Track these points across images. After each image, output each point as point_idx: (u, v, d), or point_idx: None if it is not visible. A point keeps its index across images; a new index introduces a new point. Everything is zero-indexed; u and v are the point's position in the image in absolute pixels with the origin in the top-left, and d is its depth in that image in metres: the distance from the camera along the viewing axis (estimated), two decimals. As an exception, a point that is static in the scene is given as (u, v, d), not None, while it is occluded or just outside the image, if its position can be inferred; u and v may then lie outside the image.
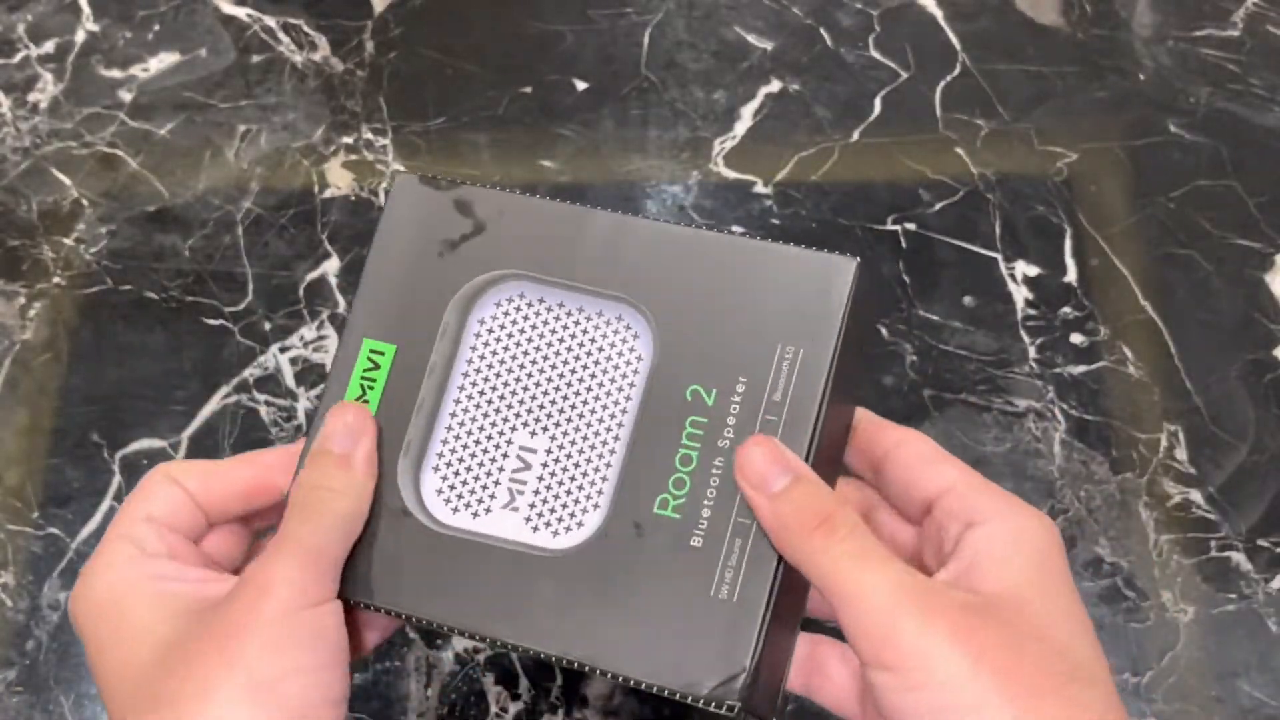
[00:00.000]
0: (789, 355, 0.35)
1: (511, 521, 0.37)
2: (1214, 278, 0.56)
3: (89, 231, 0.58)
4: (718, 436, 0.35)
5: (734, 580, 0.34)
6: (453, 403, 0.38)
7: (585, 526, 0.36)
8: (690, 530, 0.35)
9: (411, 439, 0.37)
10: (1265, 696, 0.49)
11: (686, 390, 0.35)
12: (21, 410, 0.55)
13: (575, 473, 0.37)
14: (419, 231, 0.39)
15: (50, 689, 0.50)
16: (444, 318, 0.38)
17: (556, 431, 0.37)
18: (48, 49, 0.63)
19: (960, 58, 0.61)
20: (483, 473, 0.38)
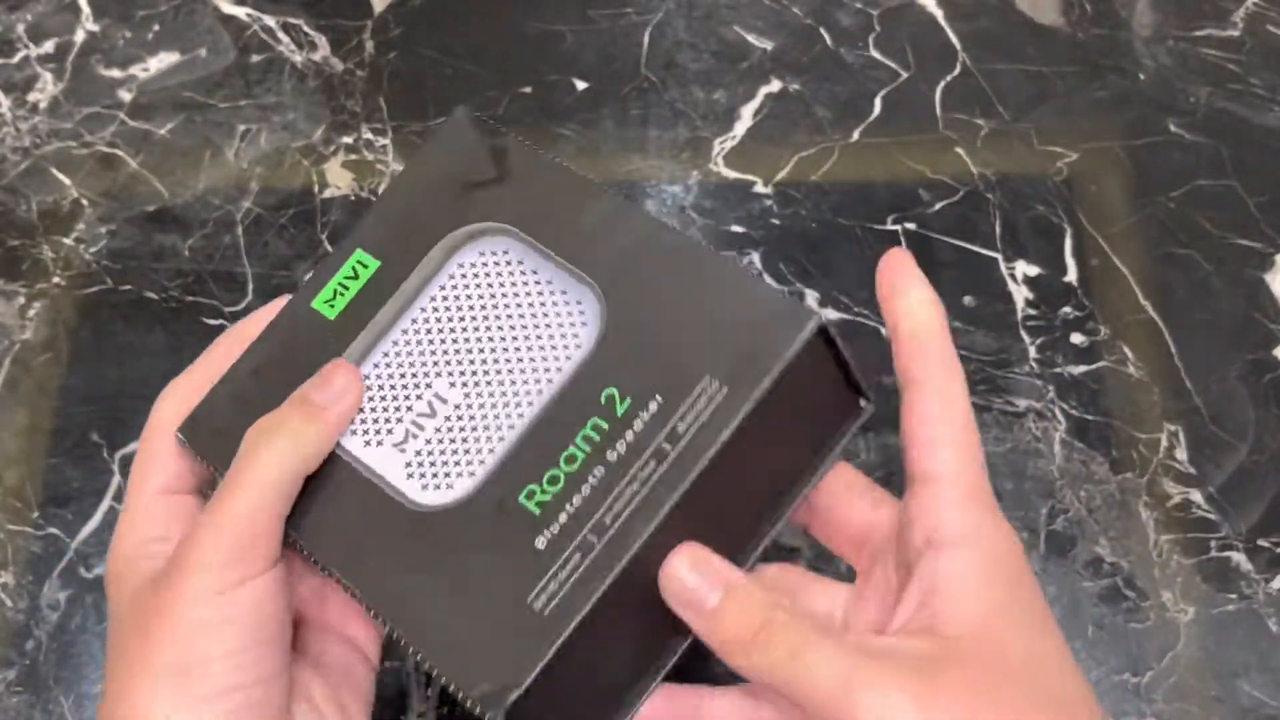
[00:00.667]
0: (710, 389, 0.33)
1: (394, 462, 0.37)
2: (1214, 278, 0.56)
3: (89, 231, 0.58)
4: (609, 447, 0.34)
5: (554, 594, 0.33)
6: (400, 331, 0.38)
7: (454, 490, 0.36)
8: (540, 529, 0.34)
9: (352, 352, 0.38)
10: (1265, 696, 0.49)
11: (604, 391, 0.35)
12: (21, 410, 0.55)
13: (470, 435, 0.37)
14: (448, 166, 0.39)
15: (50, 689, 0.50)
16: (431, 252, 0.38)
17: (473, 390, 0.37)
18: (47, 49, 0.63)
19: (960, 57, 0.61)
20: (393, 405, 0.38)
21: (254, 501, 0.34)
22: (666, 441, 0.33)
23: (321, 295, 0.39)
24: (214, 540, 0.33)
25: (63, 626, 0.51)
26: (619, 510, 0.33)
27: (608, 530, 0.33)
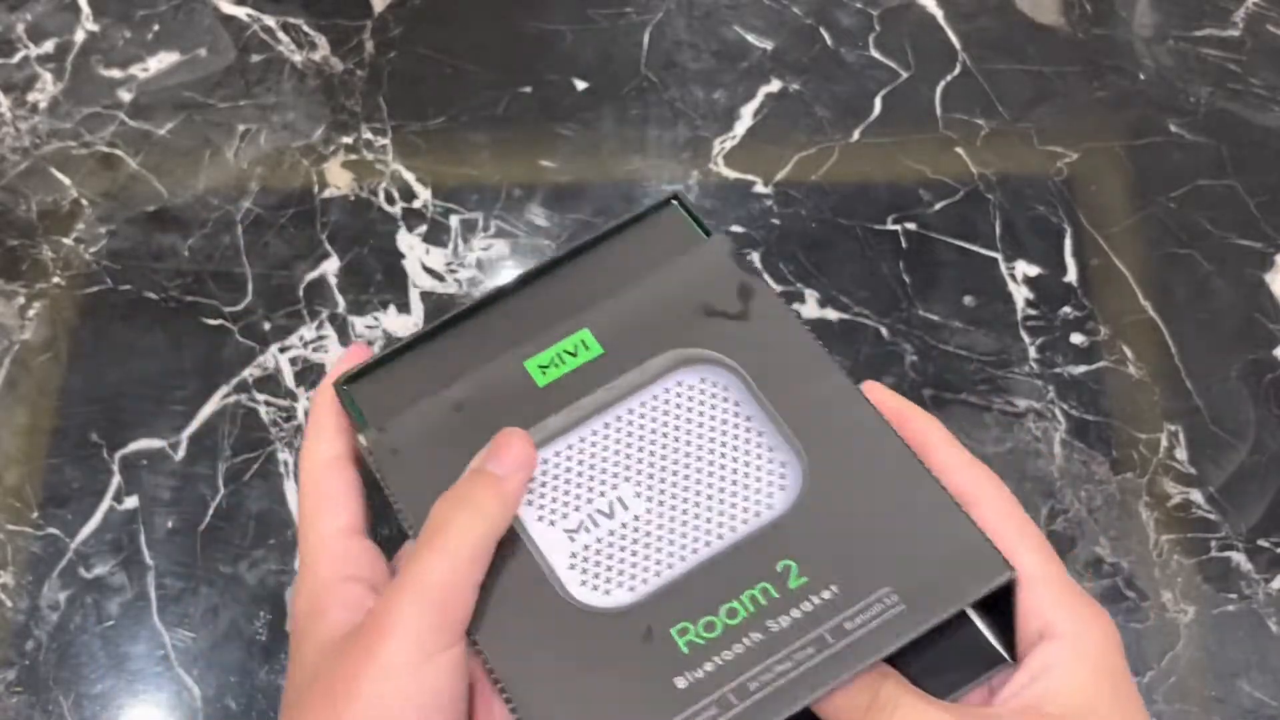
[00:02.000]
0: (888, 601, 0.34)
1: (561, 547, 0.37)
2: (1214, 278, 0.56)
3: (89, 231, 0.58)
4: (774, 616, 0.34)
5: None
6: (601, 423, 0.39)
7: (610, 597, 0.36)
8: (683, 669, 0.34)
9: (549, 426, 0.38)
10: (1266, 697, 0.49)
11: (783, 560, 0.35)
12: (21, 410, 0.55)
13: (641, 550, 0.37)
14: (696, 283, 0.40)
15: (50, 689, 0.50)
16: (654, 359, 0.39)
17: (656, 507, 0.37)
18: (47, 49, 0.63)
19: (960, 57, 0.62)
20: (574, 492, 0.38)
21: (451, 571, 0.34)
22: (831, 634, 0.34)
23: (538, 359, 0.40)
24: (415, 608, 0.33)
25: (62, 626, 0.51)
26: (766, 681, 0.33)
27: (750, 696, 0.33)
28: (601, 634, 0.35)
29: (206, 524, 0.52)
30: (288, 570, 0.51)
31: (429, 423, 0.39)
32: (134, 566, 0.52)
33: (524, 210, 0.58)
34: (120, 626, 0.51)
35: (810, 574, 0.35)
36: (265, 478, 0.53)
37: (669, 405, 0.39)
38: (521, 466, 0.36)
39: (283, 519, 0.52)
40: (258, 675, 0.50)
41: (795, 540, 0.35)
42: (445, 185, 0.59)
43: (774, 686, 0.33)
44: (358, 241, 0.58)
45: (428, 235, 0.58)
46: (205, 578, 0.51)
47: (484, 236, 0.58)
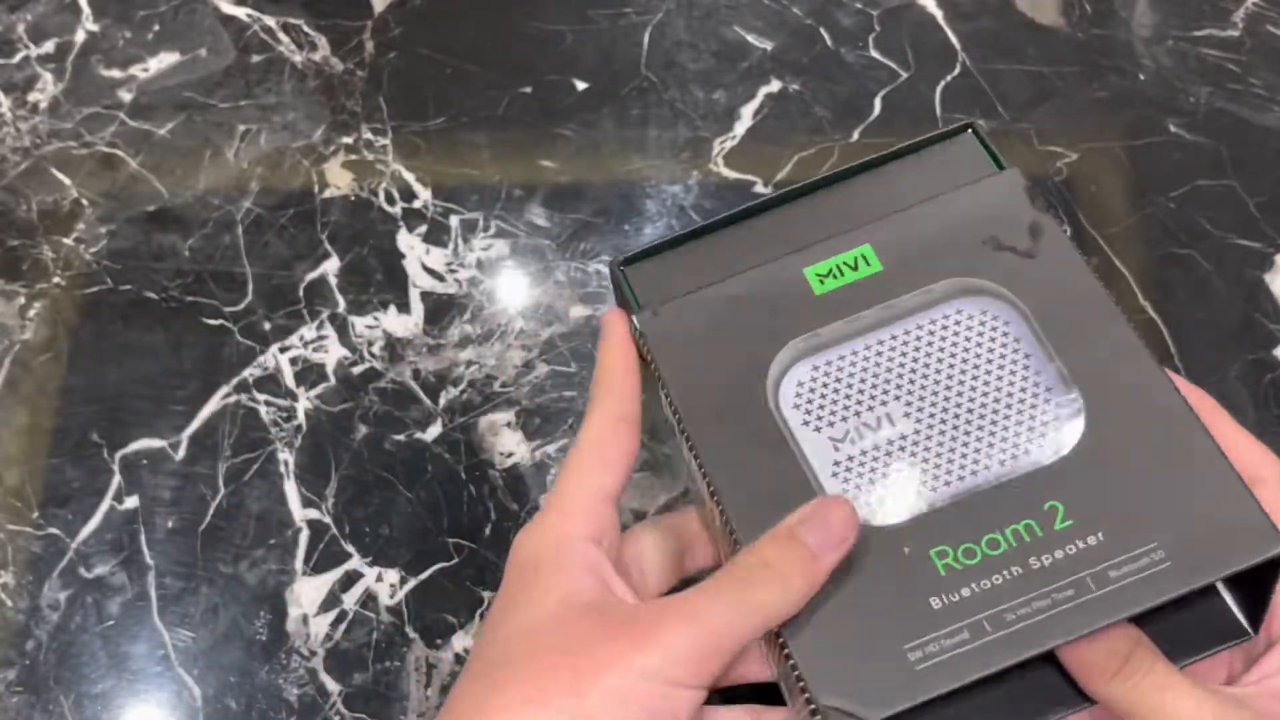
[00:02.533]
0: (1154, 556, 0.34)
1: (824, 453, 0.37)
2: (1214, 278, 0.56)
3: (89, 231, 0.58)
4: (1035, 554, 0.34)
5: (932, 656, 0.34)
6: (876, 339, 0.39)
7: (865, 510, 0.36)
8: (939, 591, 0.34)
9: (825, 335, 0.39)
10: None
11: (1050, 501, 0.35)
12: (21, 410, 0.55)
13: (906, 469, 0.37)
14: (985, 215, 0.40)
15: (50, 689, 0.50)
16: (937, 285, 0.39)
17: (925, 429, 0.37)
18: (48, 49, 0.63)
19: (960, 58, 0.62)
20: (844, 402, 0.38)
21: (730, 628, 0.33)
22: (1094, 580, 0.34)
23: (816, 268, 0.40)
24: (688, 638, 0.33)
25: (63, 626, 0.51)
26: (1023, 615, 0.34)
27: (1005, 627, 0.34)
28: (860, 547, 0.35)
29: (207, 524, 0.52)
30: (287, 570, 0.51)
31: (702, 312, 0.40)
32: (134, 566, 0.52)
33: (524, 210, 0.58)
34: (121, 626, 0.51)
35: (1077, 518, 0.35)
36: (265, 477, 0.53)
37: (946, 332, 0.39)
38: (840, 544, 0.34)
39: (282, 519, 0.52)
40: (258, 675, 0.50)
41: (1065, 483, 0.35)
42: (445, 185, 0.59)
43: (1030, 621, 0.34)
44: (358, 241, 0.58)
45: (428, 235, 0.58)
46: (205, 577, 0.51)
47: (484, 236, 0.58)
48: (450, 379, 0.55)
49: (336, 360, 0.55)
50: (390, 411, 0.54)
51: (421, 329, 0.56)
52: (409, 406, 0.54)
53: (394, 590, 0.51)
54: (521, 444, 0.53)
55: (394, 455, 0.53)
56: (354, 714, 0.49)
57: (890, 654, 0.34)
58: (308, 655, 0.50)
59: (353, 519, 0.52)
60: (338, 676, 0.50)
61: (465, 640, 0.50)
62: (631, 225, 0.58)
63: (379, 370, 0.55)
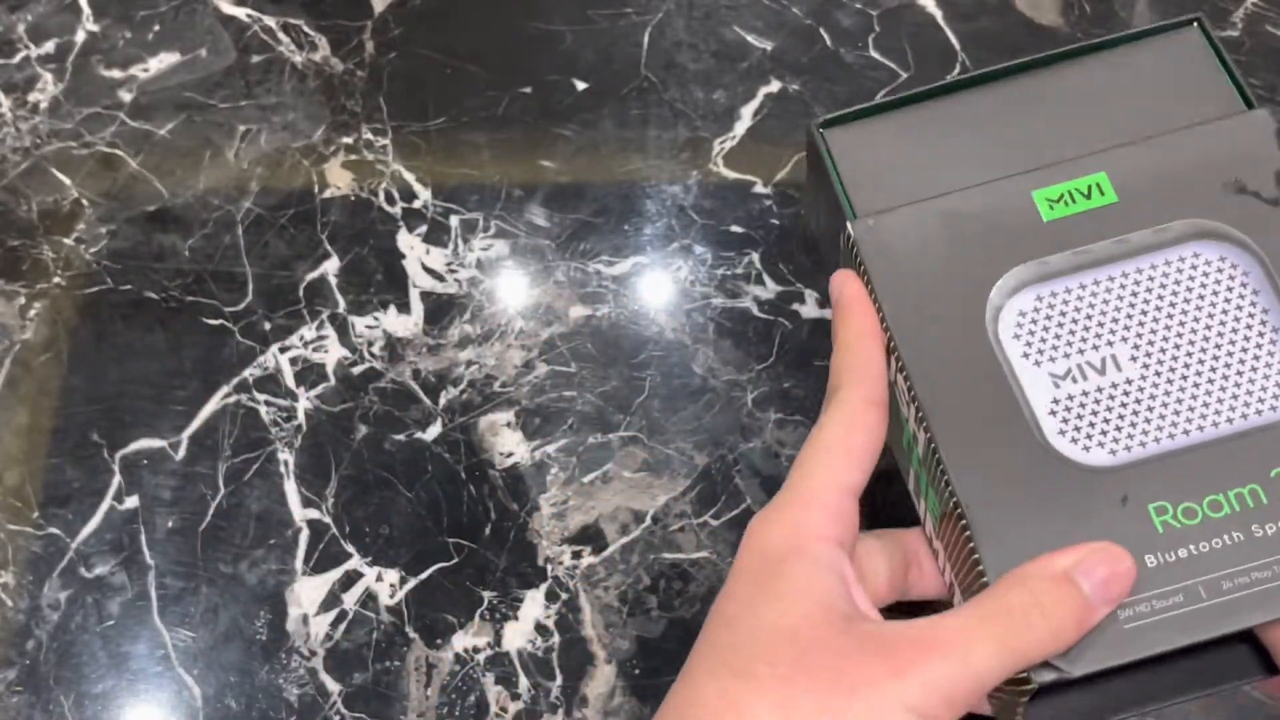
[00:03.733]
0: None
1: (1044, 389, 0.36)
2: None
3: (89, 231, 0.58)
4: (1260, 521, 0.33)
5: (1143, 615, 0.32)
6: (1107, 275, 0.37)
7: (1088, 454, 0.35)
8: (1155, 549, 0.33)
9: (1053, 264, 0.37)
10: (1264, 696, 0.49)
11: (1278, 465, 0.34)
12: (21, 410, 0.55)
13: (1130, 415, 0.35)
14: (1232, 155, 0.38)
15: (50, 689, 0.50)
16: (1175, 224, 0.37)
17: (1153, 375, 0.36)
18: (48, 49, 0.63)
19: (960, 58, 0.62)
20: (1068, 337, 0.36)
21: (993, 673, 0.31)
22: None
23: (1046, 191, 0.38)
24: (949, 675, 0.31)
25: (63, 626, 0.51)
26: (1242, 585, 0.32)
27: (1221, 595, 0.32)
28: (1074, 488, 0.34)
29: (207, 524, 0.52)
30: (287, 570, 0.51)
31: (922, 227, 0.38)
32: (134, 566, 0.52)
33: (524, 210, 0.58)
34: (121, 626, 0.51)
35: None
36: (265, 477, 0.53)
37: (1180, 275, 0.37)
38: (1117, 599, 0.32)
39: (282, 518, 0.52)
40: (258, 675, 0.50)
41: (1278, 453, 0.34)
42: (445, 185, 0.59)
43: (1248, 592, 0.32)
44: (358, 241, 0.58)
45: (428, 235, 0.58)
46: (206, 577, 0.51)
47: (484, 236, 0.58)
48: (450, 379, 0.55)
49: (336, 360, 0.55)
50: (390, 411, 0.54)
51: (421, 329, 0.56)
52: (409, 406, 0.54)
53: (394, 590, 0.51)
54: (521, 444, 0.53)
55: (394, 455, 0.53)
56: (354, 714, 0.49)
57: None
58: (308, 655, 0.50)
59: (353, 519, 0.52)
60: (338, 676, 0.50)
61: (465, 640, 0.50)
62: (631, 225, 0.58)
63: (379, 370, 0.55)
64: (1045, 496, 0.34)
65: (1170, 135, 0.38)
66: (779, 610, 0.33)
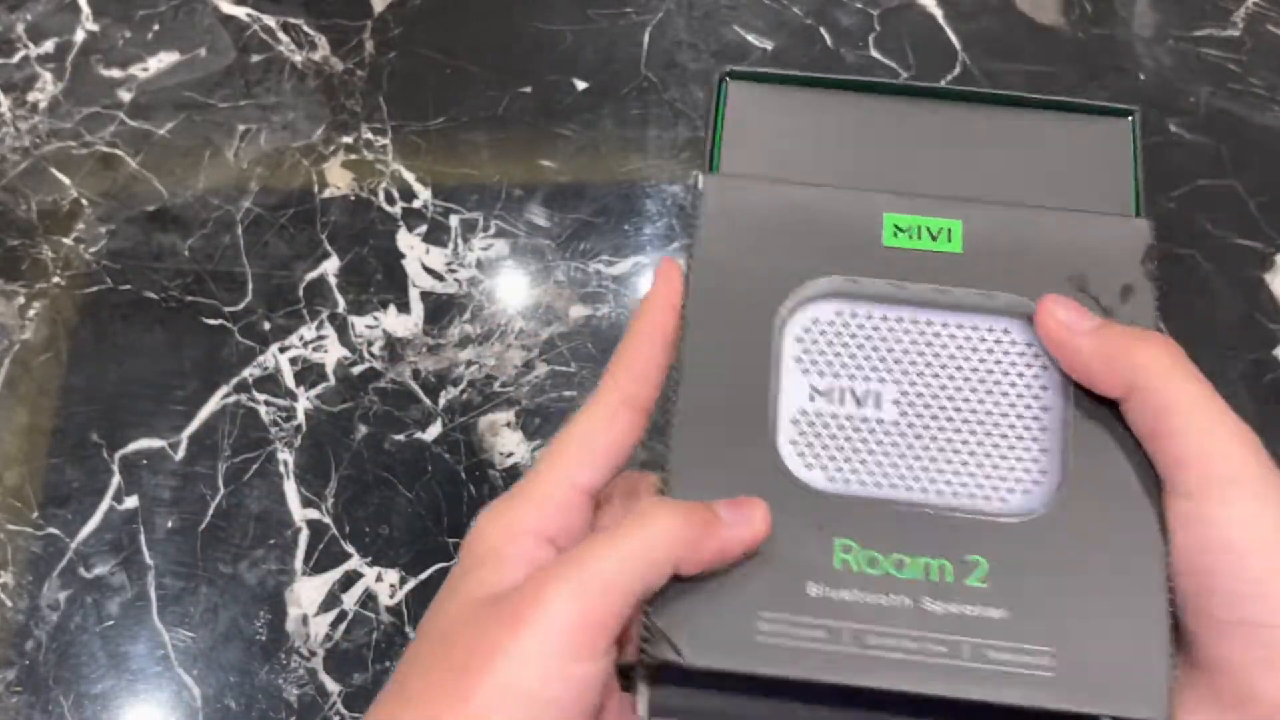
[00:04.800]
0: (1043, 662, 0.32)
1: (799, 396, 0.36)
2: (1214, 278, 0.56)
3: (89, 231, 0.58)
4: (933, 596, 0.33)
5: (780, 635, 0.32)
6: (912, 319, 0.36)
7: (811, 472, 0.35)
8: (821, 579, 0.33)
9: (863, 285, 0.36)
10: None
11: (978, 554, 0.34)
12: (21, 410, 0.55)
13: (865, 452, 0.35)
14: (1090, 252, 0.37)
15: (50, 689, 0.50)
16: (1004, 296, 0.36)
17: (907, 428, 0.35)
18: (47, 48, 0.63)
19: (960, 57, 0.62)
20: (842, 357, 0.36)
21: (621, 571, 0.30)
22: (970, 650, 0.32)
23: (898, 218, 0.37)
24: (567, 604, 0.30)
25: (62, 626, 0.51)
26: (886, 646, 0.32)
27: (863, 648, 0.32)
28: (779, 495, 0.34)
29: (206, 524, 0.52)
30: (287, 570, 0.51)
31: (769, 205, 0.37)
32: (134, 566, 0.52)
33: (524, 210, 0.58)
34: (120, 626, 0.51)
35: (992, 585, 0.33)
36: (265, 477, 0.53)
37: (981, 344, 0.36)
38: (748, 523, 0.32)
39: (281, 518, 0.52)
40: (258, 675, 0.50)
41: (1002, 546, 0.33)
42: (445, 185, 0.59)
43: (888, 655, 0.32)
44: (358, 241, 0.58)
45: (428, 235, 0.58)
46: (205, 577, 0.51)
47: (484, 236, 0.58)
48: (450, 379, 0.55)
49: (336, 360, 0.55)
50: (390, 411, 0.54)
51: (421, 329, 0.56)
52: (409, 406, 0.54)
53: (394, 590, 0.51)
54: (521, 444, 0.53)
55: (394, 455, 0.53)
56: (354, 714, 0.49)
57: (744, 613, 0.32)
58: (307, 655, 0.50)
59: (353, 519, 0.52)
60: (338, 676, 0.50)
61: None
62: (631, 225, 0.58)
63: (379, 370, 0.55)
64: (747, 490, 0.34)
65: (1043, 211, 0.37)
66: (444, 613, 0.32)
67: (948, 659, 0.32)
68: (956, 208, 0.37)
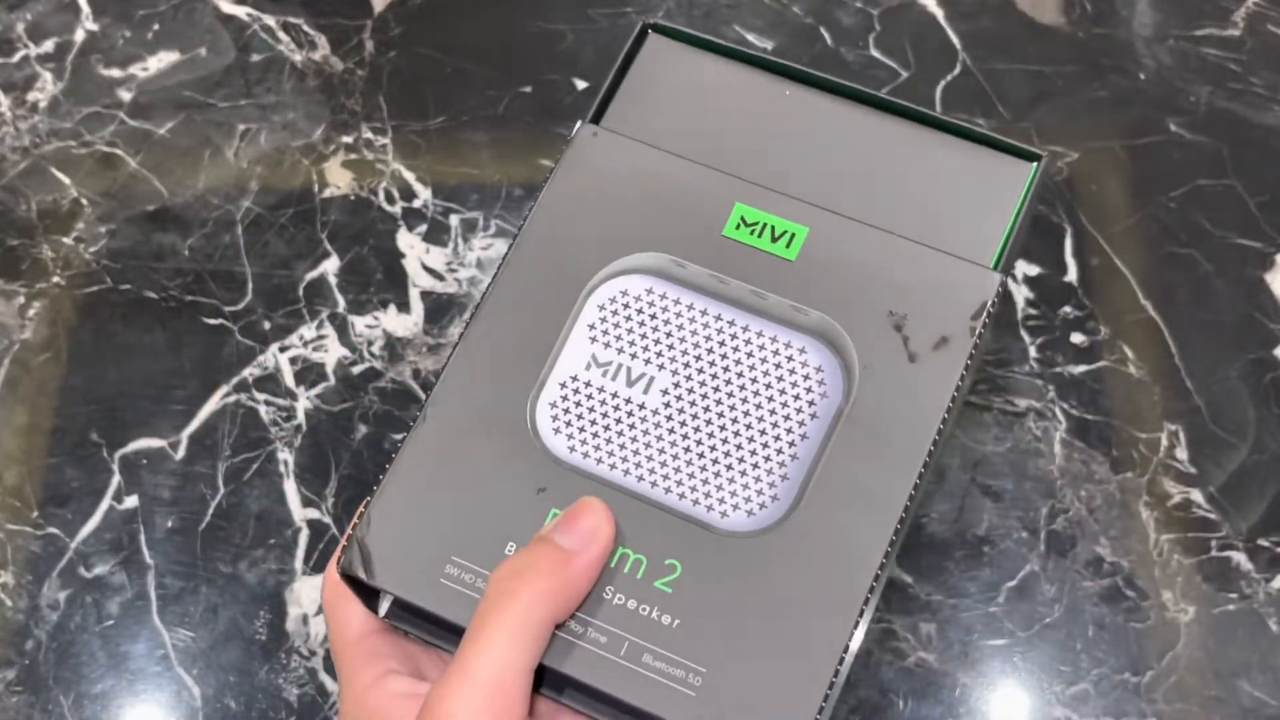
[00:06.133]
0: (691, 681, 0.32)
1: (577, 360, 0.35)
2: (1214, 277, 0.56)
3: (88, 231, 0.58)
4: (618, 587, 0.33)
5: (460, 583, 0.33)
6: (715, 312, 0.35)
7: (554, 435, 0.34)
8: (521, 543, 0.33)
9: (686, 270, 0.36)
10: (1266, 696, 0.49)
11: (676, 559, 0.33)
12: (21, 410, 0.55)
13: (615, 430, 0.35)
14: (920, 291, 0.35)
15: (50, 688, 0.50)
16: (815, 313, 0.35)
17: (665, 420, 0.34)
18: (47, 48, 0.63)
19: (961, 57, 0.61)
20: (636, 336, 0.35)
21: (505, 658, 0.30)
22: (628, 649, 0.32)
23: (746, 210, 0.36)
24: (465, 700, 0.30)
25: (62, 626, 0.51)
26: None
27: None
28: (513, 449, 0.34)
29: (206, 523, 0.52)
30: (287, 570, 0.51)
31: (628, 167, 0.36)
32: (134, 566, 0.52)
33: (524, 209, 0.58)
34: (120, 626, 0.51)
35: (677, 593, 0.32)
36: (265, 477, 0.53)
37: (773, 357, 0.35)
38: (594, 539, 0.32)
39: (281, 518, 0.52)
40: (258, 675, 0.50)
41: (702, 558, 0.33)
42: (445, 185, 0.59)
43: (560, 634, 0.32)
44: (358, 241, 0.58)
45: (428, 235, 0.58)
46: (205, 577, 0.51)
47: (484, 236, 0.58)
48: (450, 378, 0.55)
49: (336, 360, 0.55)
50: (390, 411, 0.54)
51: (421, 328, 0.56)
52: (409, 406, 0.54)
53: (394, 590, 0.51)
54: (521, 444, 0.53)
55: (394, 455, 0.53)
56: (354, 714, 0.49)
57: (438, 552, 0.33)
58: (307, 655, 0.50)
59: (353, 518, 0.52)
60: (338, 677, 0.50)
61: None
62: (631, 225, 0.58)
63: (379, 370, 0.55)
64: (485, 439, 0.34)
65: (896, 239, 0.36)
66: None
67: (603, 650, 0.32)
68: (809, 214, 0.36)
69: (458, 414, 0.35)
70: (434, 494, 0.34)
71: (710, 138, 0.38)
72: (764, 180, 0.37)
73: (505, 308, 0.36)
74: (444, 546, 0.33)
